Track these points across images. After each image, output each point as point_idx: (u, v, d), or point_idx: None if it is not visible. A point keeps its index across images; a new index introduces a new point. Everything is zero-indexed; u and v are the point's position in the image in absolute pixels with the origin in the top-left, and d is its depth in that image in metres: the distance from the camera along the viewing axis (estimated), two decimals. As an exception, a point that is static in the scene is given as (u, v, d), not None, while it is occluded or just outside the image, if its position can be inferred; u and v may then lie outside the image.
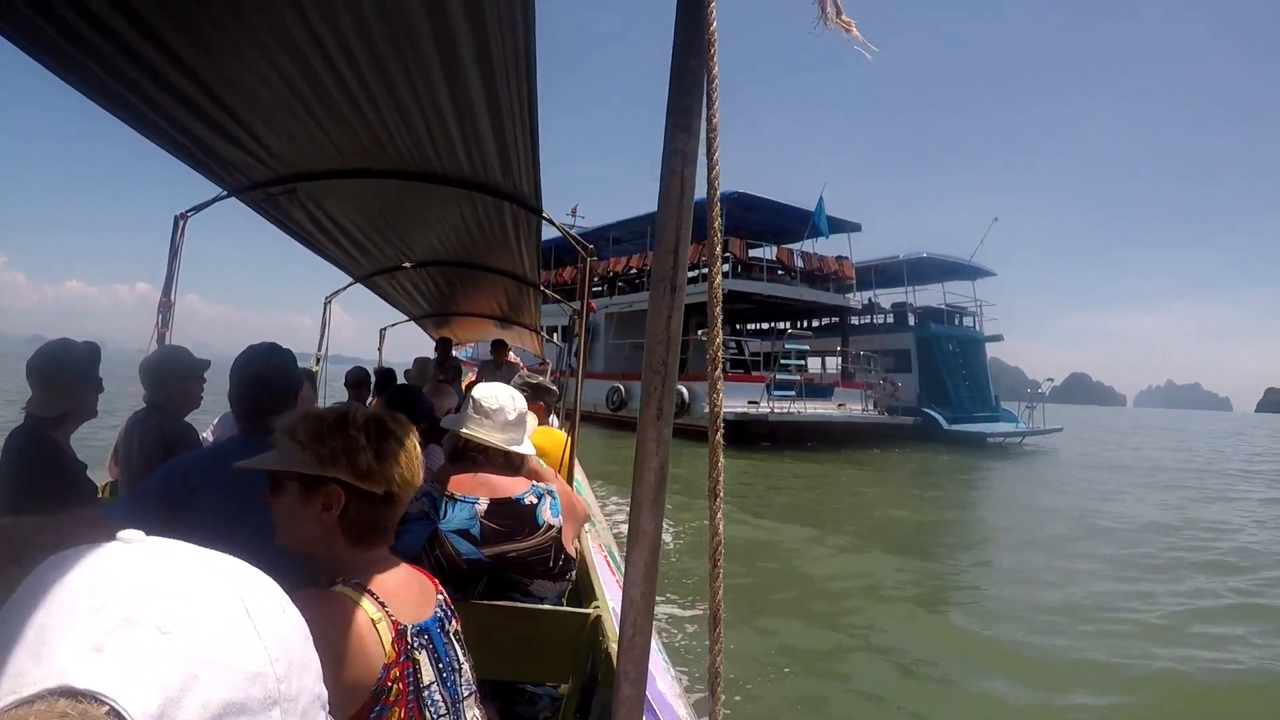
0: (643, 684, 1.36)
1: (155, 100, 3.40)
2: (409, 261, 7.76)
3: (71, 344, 3.28)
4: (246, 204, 4.97)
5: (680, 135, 1.26)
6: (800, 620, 7.89)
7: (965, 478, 23.04)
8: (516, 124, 3.60)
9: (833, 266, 34.94)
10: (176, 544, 0.67)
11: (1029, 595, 9.30)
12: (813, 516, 14.11)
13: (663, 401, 1.29)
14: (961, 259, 37.55)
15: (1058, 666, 6.92)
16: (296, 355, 3.00)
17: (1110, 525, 14.60)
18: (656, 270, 1.29)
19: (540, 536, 2.87)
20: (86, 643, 0.56)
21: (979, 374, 37.66)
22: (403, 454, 1.72)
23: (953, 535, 13.79)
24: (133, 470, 3.67)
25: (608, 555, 4.54)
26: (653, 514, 1.31)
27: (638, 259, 35.45)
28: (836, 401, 31.27)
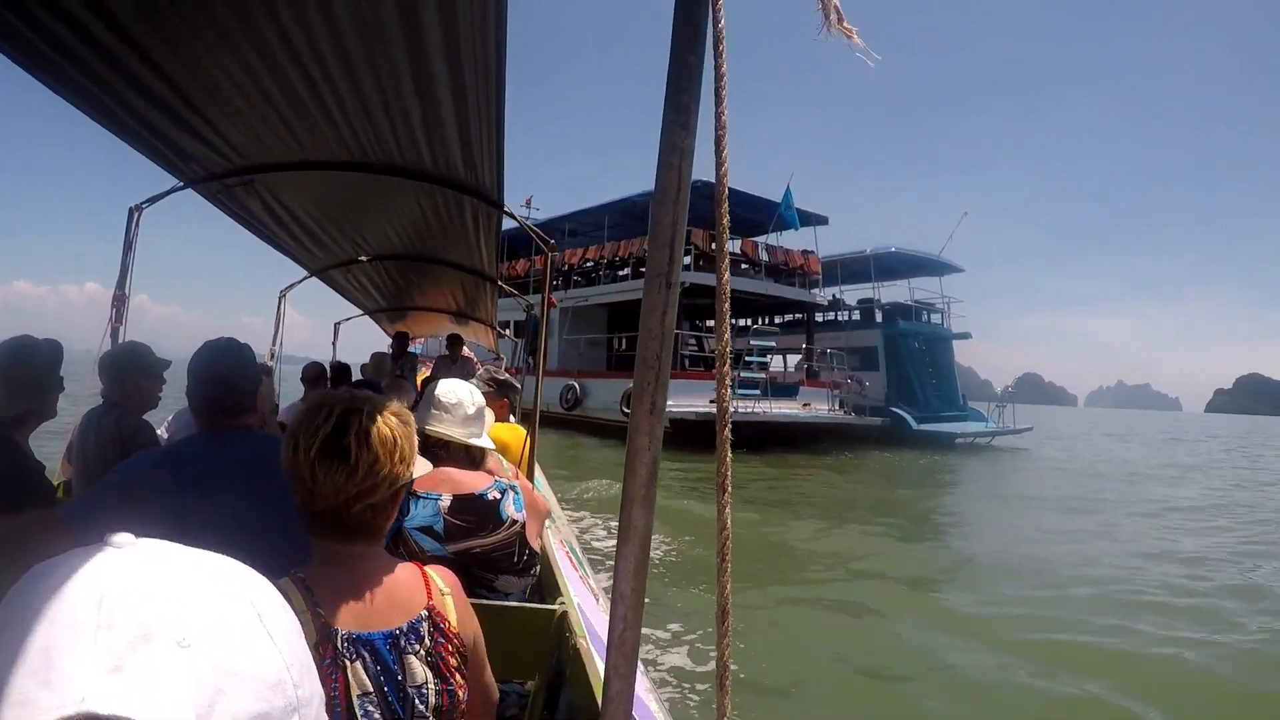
0: (632, 679, 1.36)
1: (114, 88, 3.34)
2: (365, 255, 7.70)
3: (34, 342, 3.22)
4: (203, 195, 4.90)
5: (679, 132, 1.27)
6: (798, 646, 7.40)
7: (953, 486, 22.03)
8: (482, 117, 3.58)
9: (798, 261, 33.20)
10: (171, 546, 0.64)
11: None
12: (794, 533, 12.87)
13: (655, 396, 1.29)
14: (931, 254, 36.74)
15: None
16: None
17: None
18: (652, 265, 1.29)
19: (505, 532, 2.87)
20: (103, 663, 0.53)
21: (946, 373, 36.89)
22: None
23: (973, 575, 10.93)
24: (88, 467, 3.61)
25: (569, 551, 4.54)
26: (644, 509, 1.31)
27: (594, 251, 33.76)
28: (801, 401, 29.78)
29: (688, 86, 1.26)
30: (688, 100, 1.26)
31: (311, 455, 1.63)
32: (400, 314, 12.84)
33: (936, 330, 37.37)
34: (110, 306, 4.61)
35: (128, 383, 3.72)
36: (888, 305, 37.31)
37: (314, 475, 1.64)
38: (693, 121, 1.27)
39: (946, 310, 38.32)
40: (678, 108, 1.27)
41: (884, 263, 36.10)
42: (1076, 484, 22.37)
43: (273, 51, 3.02)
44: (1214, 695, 6.71)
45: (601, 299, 32.70)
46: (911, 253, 36.15)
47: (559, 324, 32.62)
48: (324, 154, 4.35)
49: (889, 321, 36.13)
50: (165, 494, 2.41)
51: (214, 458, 2.54)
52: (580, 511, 12.56)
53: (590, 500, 13.79)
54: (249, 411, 2.70)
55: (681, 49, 1.26)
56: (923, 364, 35.41)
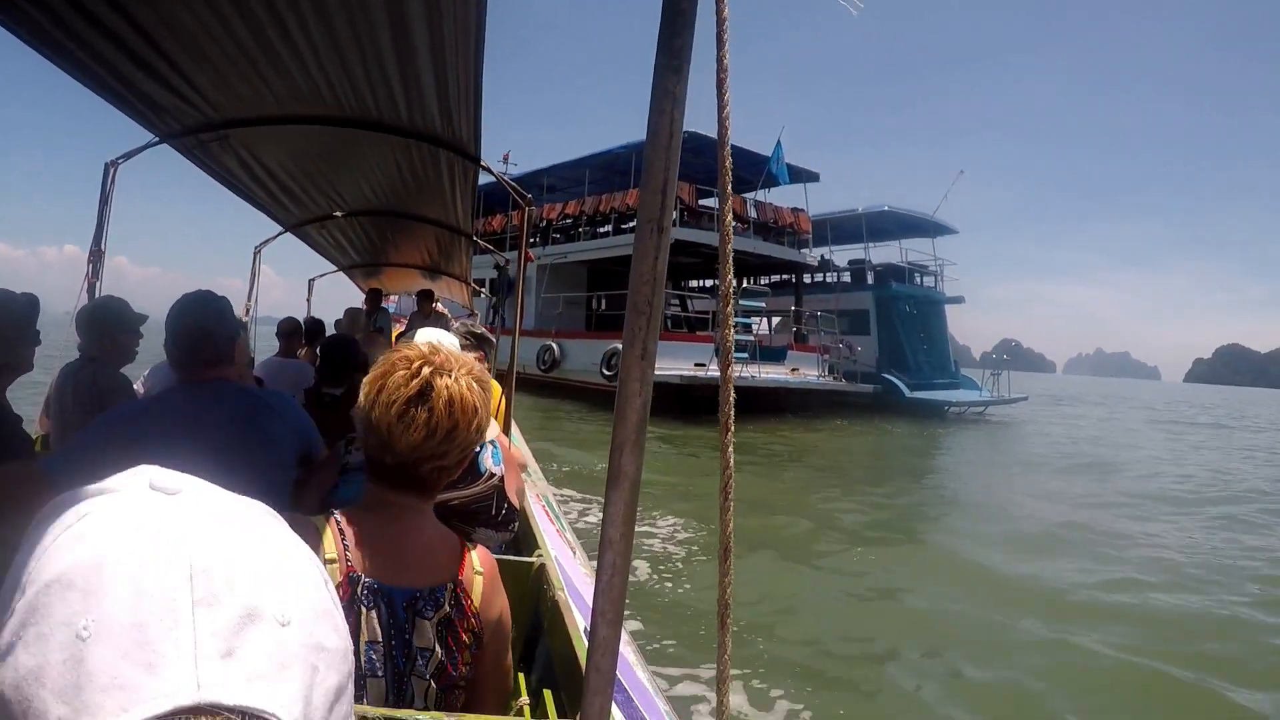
0: (619, 625, 1.39)
1: (87, 40, 3.31)
2: (340, 210, 7.65)
3: (9, 295, 3.20)
4: (178, 150, 4.87)
5: (671, 77, 1.27)
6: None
7: (958, 454, 20.81)
8: (460, 69, 3.55)
9: (788, 219, 31.32)
10: (222, 496, 0.59)
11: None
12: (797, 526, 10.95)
13: (647, 341, 1.31)
14: (925, 214, 34.77)
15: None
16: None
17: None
18: (643, 211, 1.30)
19: (483, 484, 2.89)
20: (214, 646, 0.49)
21: (939, 338, 35.14)
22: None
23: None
24: (65, 421, 3.61)
25: (545, 505, 4.57)
26: (634, 455, 1.33)
27: (574, 205, 32.08)
28: (789, 366, 28.05)
29: (681, 30, 1.25)
30: (681, 44, 1.26)
31: (392, 412, 1.67)
32: (375, 270, 12.77)
33: (930, 293, 35.60)
34: (87, 262, 4.60)
35: (104, 337, 3.72)
36: (880, 267, 35.30)
37: (391, 431, 1.67)
38: (686, 67, 1.27)
39: (940, 273, 36.52)
40: (671, 51, 1.26)
41: (876, 222, 34.34)
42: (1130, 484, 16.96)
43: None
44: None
45: (581, 256, 31.26)
46: (905, 212, 34.38)
47: (536, 282, 31.00)
48: (300, 107, 4.32)
49: (881, 284, 34.11)
50: (146, 445, 2.42)
51: (194, 408, 2.56)
52: (562, 491, 10.91)
53: (571, 476, 12.46)
54: (227, 363, 2.71)
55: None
56: (914, 329, 33.62)
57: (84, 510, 0.54)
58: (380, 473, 1.75)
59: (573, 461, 14.18)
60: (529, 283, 30.83)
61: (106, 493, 0.56)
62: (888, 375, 30.83)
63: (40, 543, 0.54)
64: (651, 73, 1.29)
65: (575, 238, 32.14)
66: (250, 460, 2.49)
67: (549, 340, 29.09)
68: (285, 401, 2.87)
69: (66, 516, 0.54)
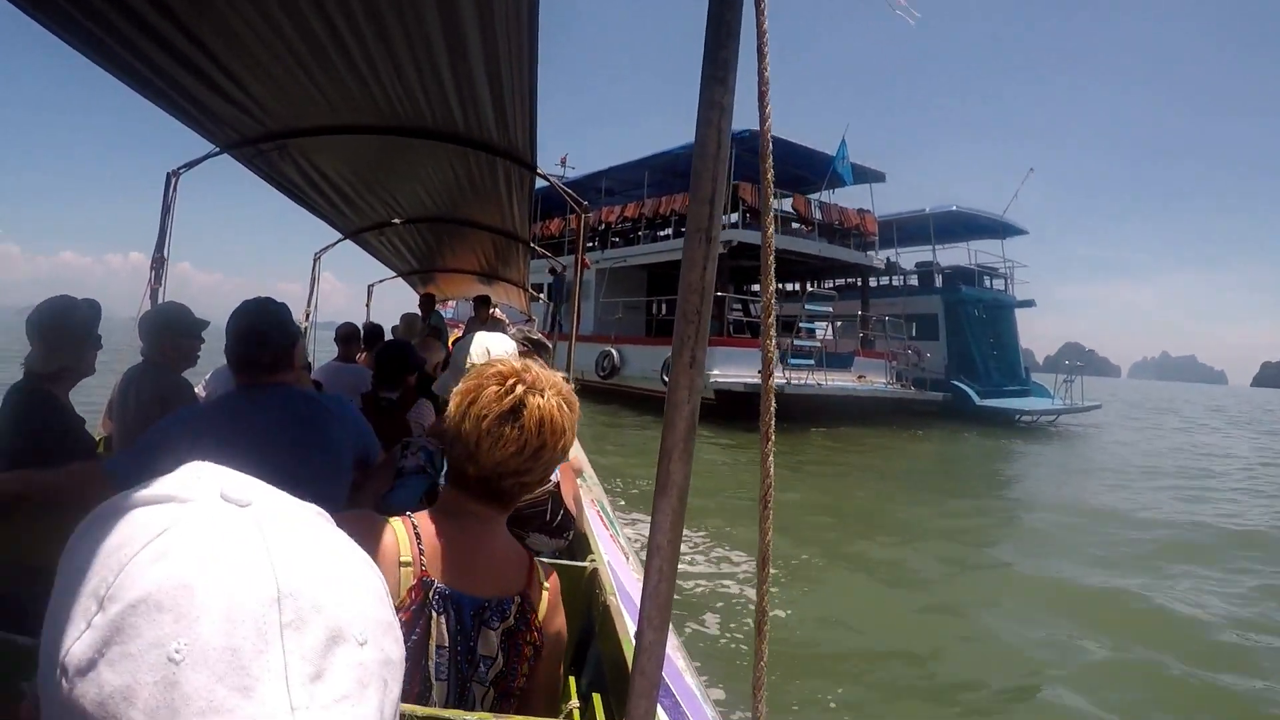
0: (665, 630, 1.39)
1: (149, 56, 3.37)
2: (398, 218, 7.73)
3: (72, 301, 3.28)
4: (238, 160, 4.94)
5: (717, 88, 1.28)
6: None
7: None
8: (514, 78, 3.57)
9: (854, 220, 29.72)
10: (289, 507, 0.60)
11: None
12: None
13: (695, 350, 1.32)
14: (994, 214, 32.99)
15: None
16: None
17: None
18: (692, 221, 1.31)
19: (538, 490, 2.89)
20: (303, 669, 0.50)
21: (1009, 343, 33.15)
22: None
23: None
24: (127, 424, 3.68)
25: (600, 510, 4.56)
26: (682, 462, 1.34)
27: (633, 208, 30.71)
28: (856, 373, 26.57)
29: (726, 42, 1.26)
30: (726, 56, 1.27)
31: (483, 426, 1.68)
32: (430, 275, 12.86)
33: (1000, 297, 33.69)
34: (149, 269, 4.69)
35: (166, 341, 3.78)
36: (949, 269, 33.59)
37: (479, 443, 1.69)
38: (731, 78, 1.28)
39: (1010, 275, 34.64)
40: (716, 63, 1.27)
41: (944, 223, 32.54)
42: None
43: (300, 9, 3.03)
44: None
45: (641, 259, 29.74)
46: (974, 212, 32.71)
47: (595, 286, 30.13)
48: (356, 117, 4.37)
49: (950, 287, 32.39)
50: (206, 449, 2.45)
51: (253, 412, 2.60)
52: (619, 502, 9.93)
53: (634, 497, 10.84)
54: (286, 367, 2.74)
55: (719, 6, 1.26)
56: (984, 334, 31.90)
57: (160, 524, 0.54)
58: (462, 482, 1.77)
59: (628, 474, 12.79)
60: (587, 287, 29.80)
61: (176, 501, 0.56)
62: (956, 382, 29.37)
63: (111, 552, 0.53)
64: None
65: (634, 241, 31.12)
66: (308, 464, 2.52)
67: (608, 346, 28.04)
68: (343, 406, 2.90)
69: (139, 529, 0.54)
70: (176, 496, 0.56)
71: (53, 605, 0.54)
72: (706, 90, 1.29)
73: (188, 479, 0.59)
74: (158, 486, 0.58)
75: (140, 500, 0.57)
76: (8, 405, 3.13)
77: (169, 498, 0.56)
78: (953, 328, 31.36)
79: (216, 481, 0.58)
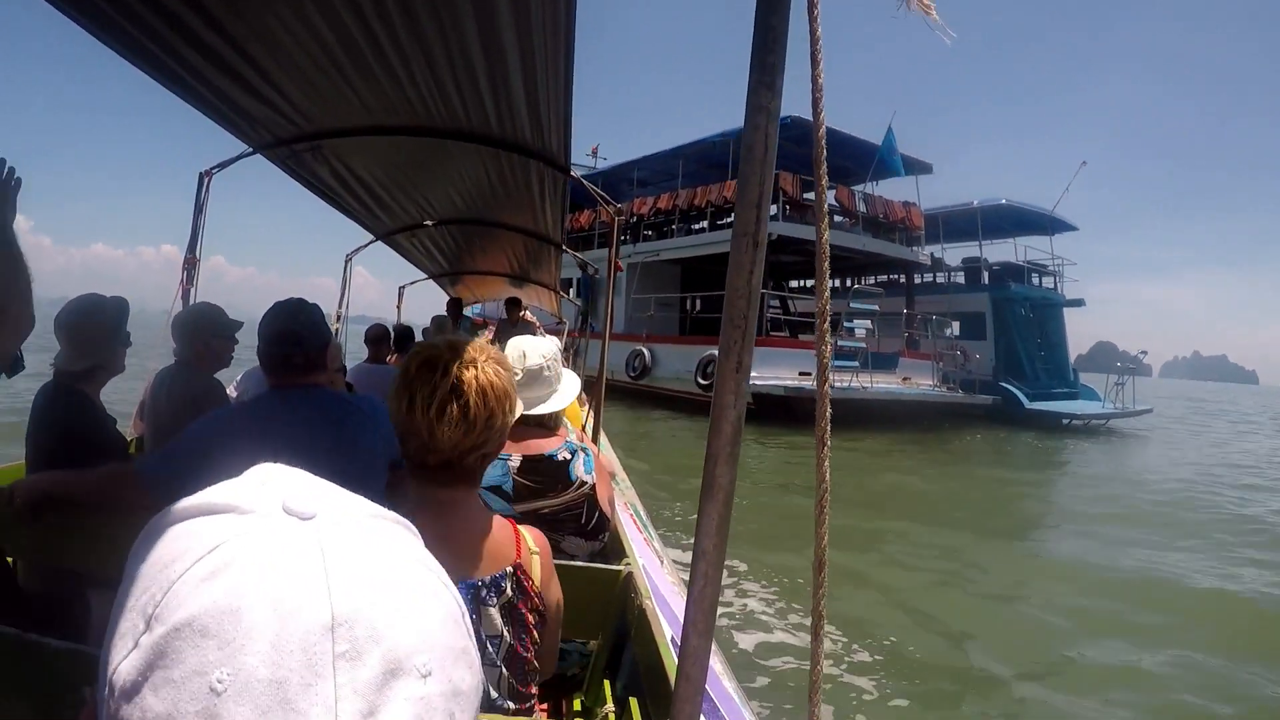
0: (710, 635, 1.39)
1: (185, 57, 3.38)
2: (430, 219, 7.75)
3: (99, 299, 3.28)
4: (271, 161, 4.96)
5: (765, 92, 1.28)
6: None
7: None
8: (549, 80, 3.55)
9: (899, 213, 27.88)
10: (359, 516, 0.58)
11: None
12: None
13: (742, 354, 1.32)
14: (1044, 209, 31.36)
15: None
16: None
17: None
18: (739, 225, 1.31)
19: (573, 493, 2.87)
20: (355, 705, 0.47)
21: (1057, 344, 31.79)
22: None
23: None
24: (159, 425, 3.68)
25: (633, 513, 4.55)
26: (728, 466, 1.34)
27: (666, 199, 28.73)
28: (901, 374, 25.19)
29: (774, 46, 1.27)
30: (774, 60, 1.27)
31: (431, 414, 1.68)
32: (460, 277, 12.92)
33: (1049, 295, 32.06)
34: (181, 269, 4.70)
35: (199, 342, 3.78)
36: (997, 265, 32.02)
37: (433, 432, 1.68)
38: (778, 82, 1.28)
39: (1060, 273, 32.89)
40: (764, 68, 1.27)
41: (992, 217, 31.27)
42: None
43: (335, 10, 3.02)
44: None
45: (674, 254, 28.12)
46: (1024, 206, 31.13)
47: (626, 282, 28.12)
48: (390, 118, 4.36)
49: (998, 284, 30.76)
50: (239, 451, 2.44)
51: (286, 414, 2.59)
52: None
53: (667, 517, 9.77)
54: (319, 369, 2.74)
55: (765, 12, 1.27)
56: (1031, 333, 30.48)
57: (214, 539, 0.52)
58: (425, 473, 1.77)
59: (657, 491, 11.23)
60: (617, 283, 25.88)
61: (235, 512, 0.54)
62: (1005, 384, 27.93)
63: (162, 567, 0.51)
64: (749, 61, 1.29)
65: (668, 234, 29.26)
66: (341, 466, 2.50)
67: (639, 345, 26.55)
68: (375, 407, 2.89)
69: (193, 543, 0.52)
70: (237, 507, 0.54)
71: (113, 615, 0.53)
72: (754, 95, 1.29)
73: (251, 486, 0.57)
74: (220, 493, 0.56)
75: (200, 508, 0.55)
76: (38, 405, 3.14)
77: (229, 507, 0.54)
78: (1000, 327, 29.94)
79: (282, 489, 0.57)
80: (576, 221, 31.04)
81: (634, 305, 28.33)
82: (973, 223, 31.16)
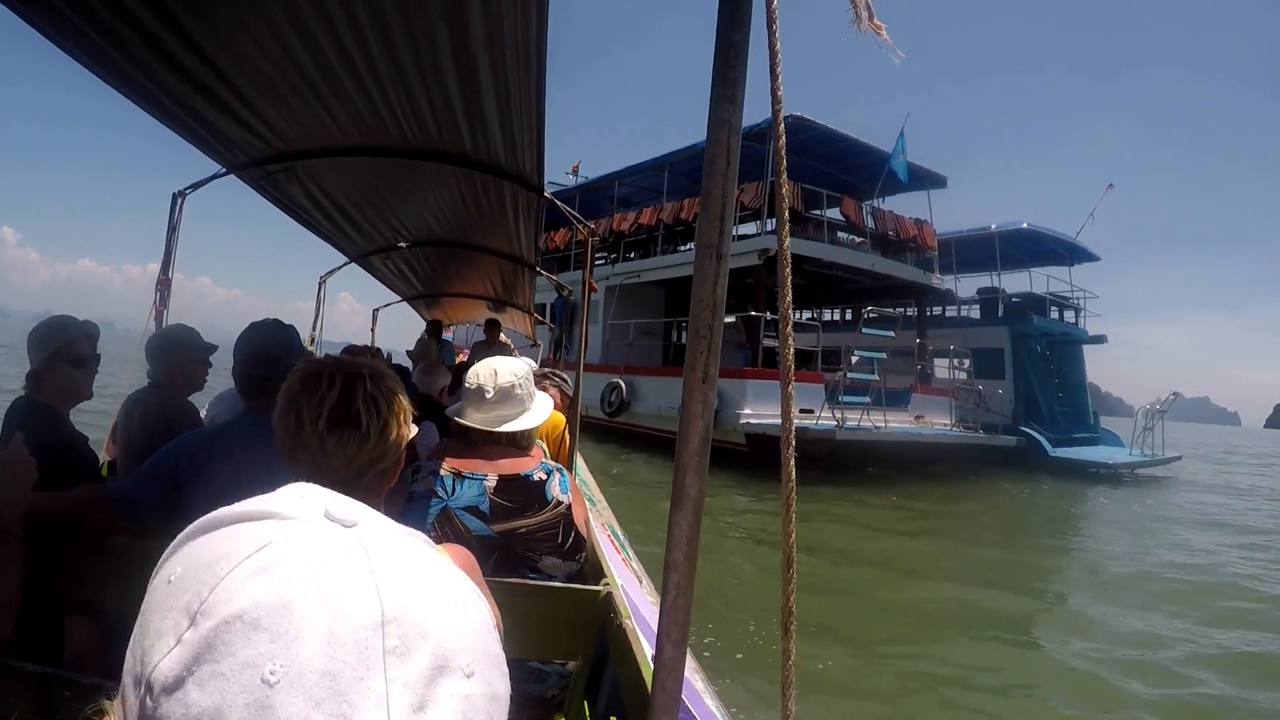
0: (684, 646, 1.40)
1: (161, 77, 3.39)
2: (404, 241, 7.75)
3: (69, 319, 3.26)
4: (245, 181, 4.94)
5: (727, 106, 1.31)
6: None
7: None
8: (523, 101, 3.57)
9: (911, 230, 24.24)
10: (397, 530, 0.58)
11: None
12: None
13: (708, 366, 1.36)
14: (1066, 235, 28.29)
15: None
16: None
17: None
18: (702, 237, 1.34)
19: (549, 512, 2.87)
20: (406, 699, 0.48)
21: (1076, 384, 28.82)
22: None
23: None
24: (132, 447, 3.65)
25: (611, 534, 4.55)
26: (697, 477, 1.37)
27: (649, 214, 25.41)
28: (913, 413, 21.89)
29: (735, 62, 1.30)
30: (735, 75, 1.31)
31: (320, 427, 1.61)
32: (436, 300, 12.91)
33: (1071, 331, 28.78)
34: (154, 290, 4.66)
35: (173, 365, 3.75)
36: (1017, 297, 28.60)
37: (324, 447, 1.61)
38: (740, 96, 1.32)
39: (1082, 307, 29.66)
40: (726, 82, 1.31)
41: (1012, 243, 27.61)
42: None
43: (312, 32, 3.02)
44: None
45: (658, 274, 24.67)
46: (1047, 232, 27.63)
47: (603, 306, 25.17)
48: (365, 139, 4.37)
49: (1019, 317, 27.19)
50: (212, 474, 2.43)
51: (261, 436, 2.56)
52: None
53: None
54: None
55: (727, 27, 1.30)
56: (1047, 372, 27.46)
57: (261, 539, 0.52)
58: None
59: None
60: (594, 308, 24.70)
61: (278, 518, 0.55)
62: (1026, 428, 24.61)
63: (206, 566, 0.51)
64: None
65: (650, 252, 26.00)
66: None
67: (616, 377, 22.86)
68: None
69: (239, 543, 0.52)
70: (279, 513, 0.55)
71: (140, 621, 0.53)
72: (715, 109, 1.32)
73: (291, 497, 0.58)
74: (259, 503, 0.56)
75: (240, 515, 0.55)
76: (10, 420, 3.09)
77: (272, 514, 0.55)
78: (1020, 365, 26.60)
79: (321, 501, 0.57)
80: (551, 241, 27.99)
81: (611, 332, 24.97)
82: (989, 248, 27.61)
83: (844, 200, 23.13)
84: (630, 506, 10.93)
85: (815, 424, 17.59)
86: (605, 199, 29.10)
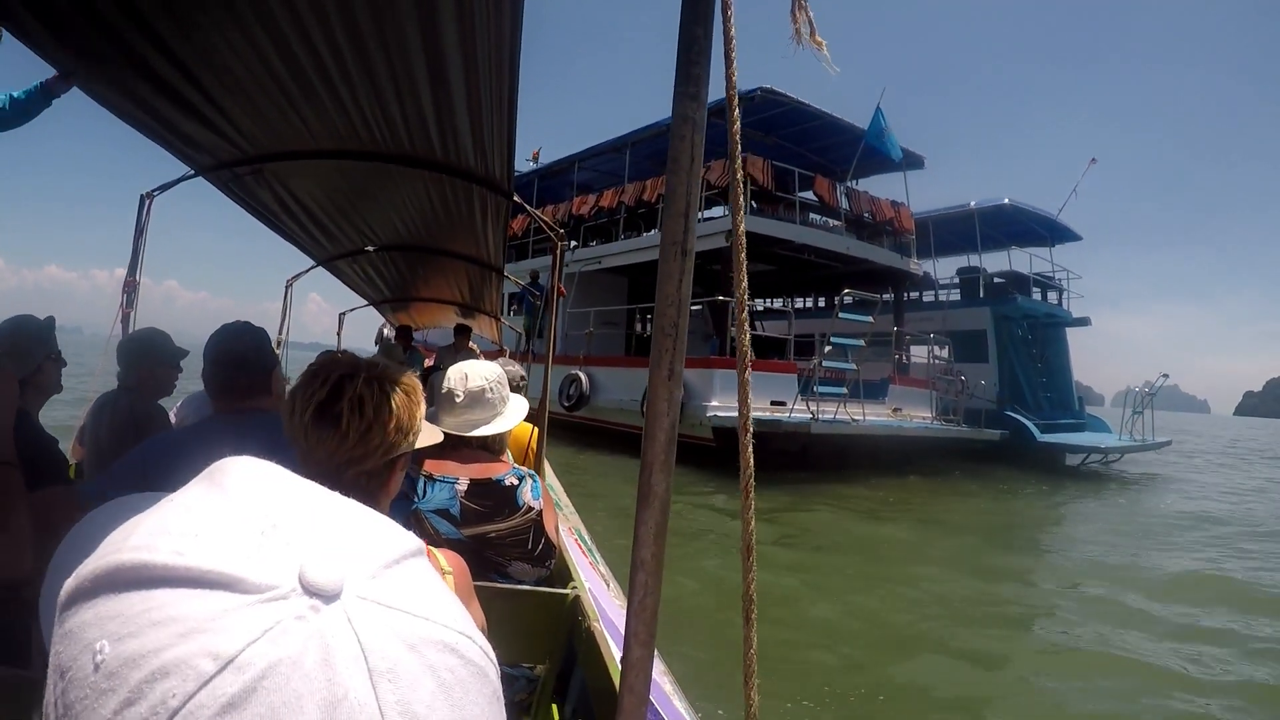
0: (652, 646, 1.41)
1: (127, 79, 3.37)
2: (372, 245, 7.72)
3: (27, 316, 3.27)
4: (212, 183, 4.91)
5: (690, 103, 1.32)
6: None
7: None
8: (494, 106, 3.58)
9: (888, 212, 23.25)
10: (387, 588, 0.49)
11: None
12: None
13: (674, 363, 1.37)
14: (1049, 213, 27.63)
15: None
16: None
17: None
18: (667, 234, 1.36)
19: (520, 518, 2.88)
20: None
21: (1059, 368, 28.04)
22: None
23: None
24: (100, 450, 3.63)
25: (578, 538, 4.56)
26: (664, 474, 1.38)
27: (610, 196, 24.14)
28: (891, 405, 21.02)
29: (698, 58, 1.31)
30: (698, 72, 1.32)
31: (305, 419, 1.66)
32: (404, 305, 12.86)
33: (1055, 312, 28.00)
34: (121, 293, 4.63)
35: (144, 369, 3.75)
36: (999, 276, 27.70)
37: (307, 438, 1.67)
38: (704, 92, 1.33)
39: (1066, 287, 29.24)
40: (689, 79, 1.32)
41: (992, 221, 26.79)
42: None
43: (285, 36, 3.02)
44: None
45: (620, 260, 23.37)
46: (1030, 209, 26.81)
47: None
48: (335, 142, 4.36)
49: (1002, 297, 26.34)
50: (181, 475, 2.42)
51: (231, 438, 2.56)
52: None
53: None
54: (264, 393, 2.74)
55: (689, 20, 1.30)
56: (1026, 354, 26.52)
57: (219, 647, 0.40)
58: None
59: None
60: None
61: (238, 591, 0.43)
62: (1012, 414, 23.81)
63: (147, 678, 0.39)
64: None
65: (611, 236, 24.63)
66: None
67: (575, 369, 21.39)
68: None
69: (188, 647, 0.40)
70: (241, 580, 0.43)
71: (59, 694, 0.42)
72: (679, 105, 1.33)
73: (251, 540, 0.46)
74: (209, 551, 0.44)
75: (182, 574, 0.43)
76: None
77: (230, 581, 0.43)
78: (1004, 347, 25.89)
79: (296, 556, 0.46)
80: (510, 228, 25.04)
81: (570, 321, 23.10)
82: (969, 228, 26.59)
83: (816, 179, 22.32)
84: (593, 505, 10.90)
85: (789, 417, 16.83)
86: (565, 184, 27.64)
